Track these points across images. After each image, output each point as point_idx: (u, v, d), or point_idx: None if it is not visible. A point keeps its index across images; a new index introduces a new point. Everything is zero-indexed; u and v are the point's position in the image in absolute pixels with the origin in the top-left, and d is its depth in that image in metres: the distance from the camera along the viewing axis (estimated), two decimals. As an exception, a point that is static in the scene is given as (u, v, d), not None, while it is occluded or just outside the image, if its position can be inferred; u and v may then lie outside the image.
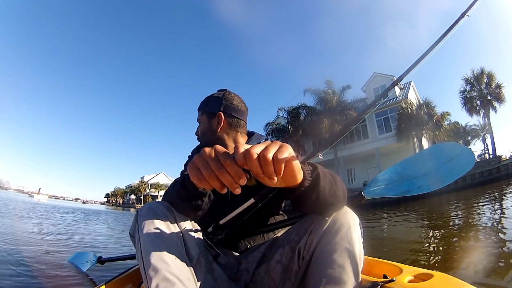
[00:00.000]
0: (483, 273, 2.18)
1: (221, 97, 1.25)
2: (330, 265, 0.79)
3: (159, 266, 0.77)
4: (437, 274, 0.86)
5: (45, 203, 28.13)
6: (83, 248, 4.14)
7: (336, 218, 0.86)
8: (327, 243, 0.83)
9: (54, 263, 2.71)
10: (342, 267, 0.78)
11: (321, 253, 0.83)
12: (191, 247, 0.91)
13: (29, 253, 3.07)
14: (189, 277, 0.81)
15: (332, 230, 0.84)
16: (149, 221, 0.86)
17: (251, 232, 1.16)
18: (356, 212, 0.89)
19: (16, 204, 16.26)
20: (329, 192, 0.78)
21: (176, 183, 0.94)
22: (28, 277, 2.18)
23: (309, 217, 0.92)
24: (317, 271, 0.81)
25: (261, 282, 0.99)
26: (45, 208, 16.30)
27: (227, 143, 1.24)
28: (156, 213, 0.89)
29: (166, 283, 0.75)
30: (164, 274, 0.76)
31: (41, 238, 4.62)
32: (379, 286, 0.90)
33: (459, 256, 2.90)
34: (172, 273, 0.77)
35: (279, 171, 0.59)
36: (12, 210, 10.85)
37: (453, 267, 2.51)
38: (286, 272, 0.93)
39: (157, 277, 0.75)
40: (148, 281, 0.76)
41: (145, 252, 0.80)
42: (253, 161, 0.57)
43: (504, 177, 14.93)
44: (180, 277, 0.78)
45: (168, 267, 0.77)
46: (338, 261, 0.79)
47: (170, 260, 0.79)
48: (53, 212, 12.84)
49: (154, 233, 0.83)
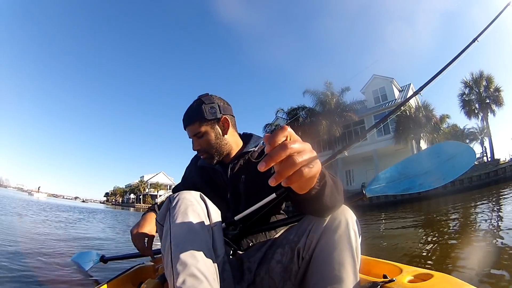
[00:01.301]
0: (483, 273, 2.19)
1: (214, 101, 1.21)
2: (329, 264, 0.80)
3: (188, 261, 0.75)
4: (437, 274, 0.87)
5: (44, 201, 28.01)
6: (84, 246, 4.13)
7: (334, 217, 0.86)
8: (326, 242, 0.83)
9: (55, 262, 2.70)
10: (342, 265, 0.79)
11: (321, 252, 0.83)
12: (218, 245, 0.91)
13: (29, 252, 3.06)
14: (214, 277, 0.80)
15: (331, 229, 0.84)
16: (183, 211, 0.84)
17: (253, 230, 1.17)
18: (355, 212, 0.89)
19: (14, 202, 16.19)
20: (330, 199, 0.79)
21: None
22: (29, 276, 2.18)
23: (308, 217, 0.93)
24: (316, 271, 0.82)
25: (261, 283, 0.99)
26: (43, 206, 16.22)
27: (231, 143, 1.25)
28: (190, 204, 0.87)
29: (193, 279, 0.73)
30: (192, 271, 0.74)
31: (40, 237, 4.60)
32: (379, 286, 0.91)
33: (459, 256, 2.91)
34: (200, 270, 0.76)
35: (296, 181, 0.52)
36: (11, 209, 10.79)
37: (452, 267, 2.52)
38: (286, 272, 0.94)
39: (184, 272, 0.74)
40: (174, 275, 0.74)
41: (175, 245, 0.78)
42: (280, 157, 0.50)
43: (502, 180, 14.91)
44: (207, 275, 0.77)
45: (197, 264, 0.76)
46: (338, 260, 0.80)
47: (200, 256, 0.78)
48: (52, 211, 12.78)
49: (187, 225, 0.82)
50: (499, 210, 6.66)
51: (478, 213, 6.64)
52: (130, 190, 71.37)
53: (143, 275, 1.47)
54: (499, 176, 15.55)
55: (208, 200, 0.94)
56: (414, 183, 1.30)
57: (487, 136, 24.01)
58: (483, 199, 9.68)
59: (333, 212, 0.87)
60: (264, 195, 1.09)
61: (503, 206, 7.55)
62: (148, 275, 1.49)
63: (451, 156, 1.28)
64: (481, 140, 28.47)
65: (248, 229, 1.15)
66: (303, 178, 0.52)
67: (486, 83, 21.79)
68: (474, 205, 8.46)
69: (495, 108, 21.60)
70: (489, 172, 16.26)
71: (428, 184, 1.27)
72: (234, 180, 1.21)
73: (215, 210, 0.95)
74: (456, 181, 16.04)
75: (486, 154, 25.27)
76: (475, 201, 9.30)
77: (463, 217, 6.56)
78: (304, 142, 0.54)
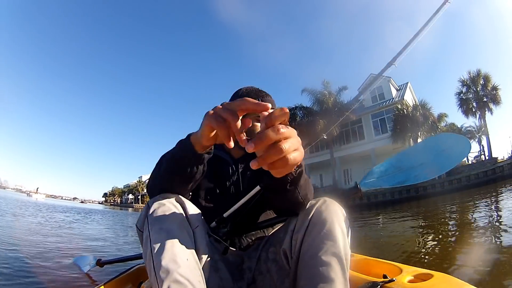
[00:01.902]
0: (482, 273, 2.19)
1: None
2: (316, 265, 0.78)
3: (170, 267, 0.74)
4: (437, 274, 0.87)
5: (43, 202, 27.99)
6: (81, 247, 4.12)
7: (318, 214, 0.85)
8: (310, 243, 0.82)
9: (53, 265, 2.69)
10: (329, 265, 0.77)
11: (306, 252, 0.82)
12: (201, 246, 0.89)
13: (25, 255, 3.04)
14: (199, 280, 0.79)
15: (315, 228, 0.83)
16: (161, 217, 0.83)
17: (251, 227, 1.16)
18: (346, 208, 0.89)
19: (12, 203, 16.13)
20: (302, 192, 0.80)
21: (167, 153, 0.89)
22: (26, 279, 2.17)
23: (294, 216, 0.92)
24: (304, 272, 0.81)
25: (263, 281, 0.98)
26: (41, 207, 16.16)
27: None
28: (167, 208, 0.85)
29: (177, 285, 0.73)
30: (175, 276, 0.73)
31: (37, 238, 4.59)
32: (379, 286, 0.90)
33: (459, 256, 2.91)
34: (183, 275, 0.75)
35: (279, 167, 0.52)
36: (8, 209, 10.76)
37: (452, 267, 2.52)
38: (281, 271, 0.93)
39: (168, 279, 0.73)
40: (158, 283, 0.73)
41: (155, 252, 0.77)
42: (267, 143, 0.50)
43: (500, 179, 14.99)
44: (191, 279, 0.76)
45: (179, 269, 0.75)
46: (324, 260, 0.78)
47: (181, 261, 0.77)
48: (49, 212, 12.74)
49: (165, 231, 0.81)
50: (498, 209, 6.67)
51: (477, 212, 6.67)
52: (129, 191, 71.47)
53: (143, 275, 1.47)
54: (497, 175, 15.61)
55: (187, 202, 0.92)
56: (410, 175, 1.29)
57: (485, 135, 24.07)
58: (482, 197, 9.72)
59: (297, 211, 0.88)
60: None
61: (502, 204, 7.57)
62: (148, 275, 1.48)
63: (446, 147, 1.28)
64: (478, 139, 28.49)
65: (240, 226, 1.13)
66: (288, 166, 0.52)
67: (484, 82, 21.84)
68: (473, 203, 8.50)
69: (492, 106, 21.66)
70: (486, 170, 16.32)
71: (424, 175, 1.26)
72: (240, 176, 1.20)
73: (195, 211, 0.93)
74: (454, 179, 16.11)
75: (484, 153, 25.31)
76: (474, 200, 9.35)
77: (463, 216, 6.59)
78: (289, 127, 0.53)
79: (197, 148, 0.78)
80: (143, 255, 0.84)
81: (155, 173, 0.93)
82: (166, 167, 0.87)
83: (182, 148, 0.82)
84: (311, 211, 0.87)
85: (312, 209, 0.87)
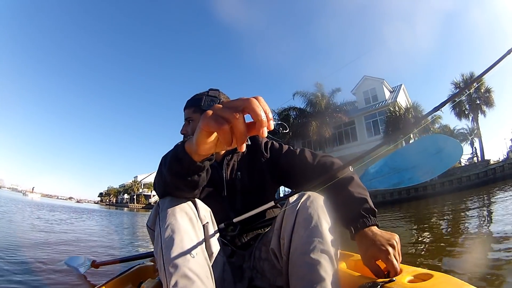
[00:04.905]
0: (482, 273, 2.21)
1: (217, 96, 1.26)
2: (305, 265, 0.79)
3: (179, 262, 0.75)
4: (437, 274, 0.87)
5: (38, 202, 27.73)
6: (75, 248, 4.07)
7: (303, 210, 0.86)
8: (298, 241, 0.82)
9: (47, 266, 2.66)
10: (318, 263, 0.77)
11: (295, 252, 0.82)
12: (212, 243, 0.90)
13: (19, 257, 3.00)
14: (207, 275, 0.79)
15: (301, 226, 0.84)
16: (171, 214, 0.84)
17: (251, 227, 1.16)
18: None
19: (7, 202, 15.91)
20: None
21: (166, 157, 0.83)
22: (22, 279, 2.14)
23: (279, 215, 0.93)
24: (295, 271, 0.81)
25: (260, 280, 1.00)
26: (37, 206, 16.04)
27: None
28: (178, 206, 0.86)
29: (185, 280, 0.73)
30: (184, 271, 0.74)
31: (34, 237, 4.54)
32: (379, 286, 0.90)
33: (459, 256, 2.94)
34: (192, 270, 0.75)
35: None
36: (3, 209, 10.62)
37: (452, 267, 2.53)
38: (274, 269, 0.95)
39: (176, 274, 0.73)
40: (167, 278, 0.74)
41: (166, 248, 0.78)
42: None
43: (491, 181, 15.15)
44: (200, 275, 0.76)
45: (188, 264, 0.76)
46: (314, 258, 0.78)
47: (191, 256, 0.78)
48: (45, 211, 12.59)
49: (176, 227, 0.81)
50: (489, 213, 6.74)
51: (476, 212, 6.74)
52: (124, 190, 71.07)
53: (143, 275, 1.48)
54: (489, 177, 15.78)
55: (197, 199, 0.93)
56: (404, 177, 1.31)
57: (477, 137, 24.31)
58: (476, 199, 9.82)
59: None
60: (261, 193, 1.12)
61: (494, 206, 7.66)
62: (148, 275, 1.49)
63: (439, 149, 1.29)
64: (471, 141, 28.75)
65: (246, 229, 1.15)
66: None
67: (477, 84, 22.01)
68: (471, 205, 8.58)
69: (485, 108, 21.86)
70: (478, 173, 16.49)
71: (417, 178, 1.28)
72: (230, 178, 1.21)
73: (205, 209, 0.94)
74: (454, 179, 16.20)
75: (476, 155, 25.56)
76: (471, 201, 9.45)
77: (463, 216, 6.62)
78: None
79: (194, 157, 0.72)
80: (154, 252, 0.84)
81: (158, 178, 0.92)
82: (167, 176, 0.83)
83: (178, 159, 0.75)
84: (296, 208, 0.87)
85: (297, 206, 0.87)
